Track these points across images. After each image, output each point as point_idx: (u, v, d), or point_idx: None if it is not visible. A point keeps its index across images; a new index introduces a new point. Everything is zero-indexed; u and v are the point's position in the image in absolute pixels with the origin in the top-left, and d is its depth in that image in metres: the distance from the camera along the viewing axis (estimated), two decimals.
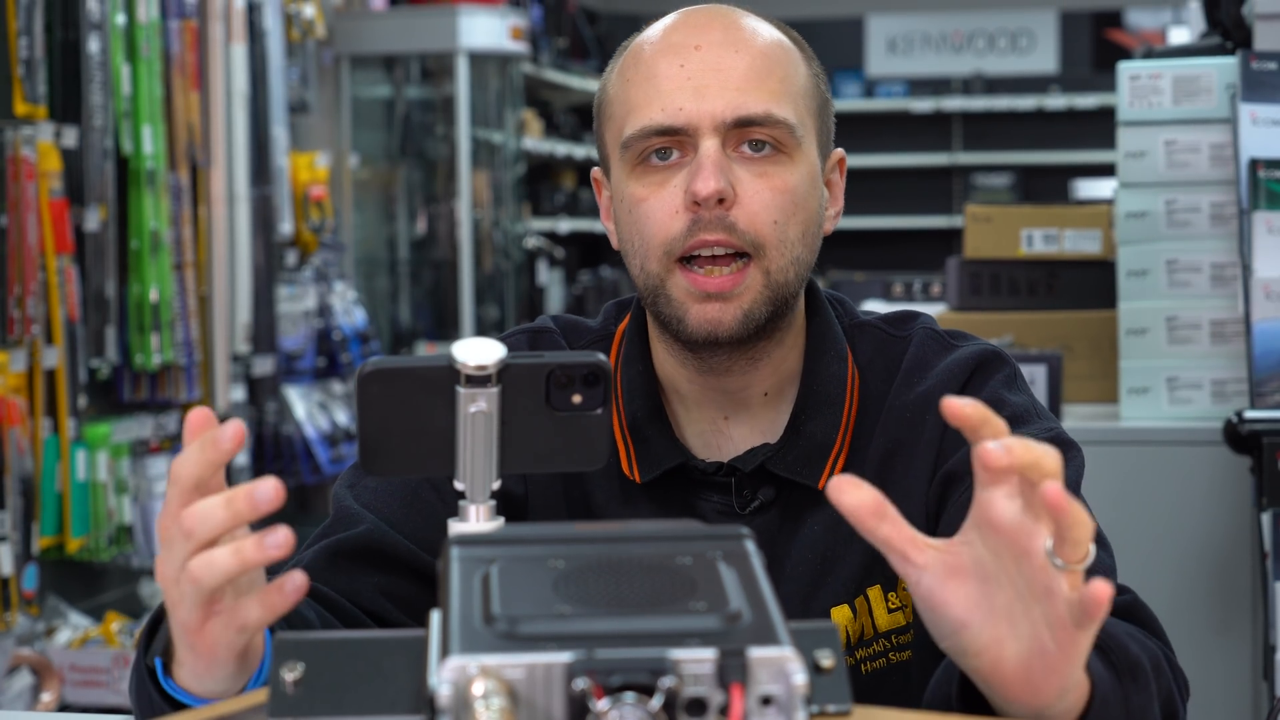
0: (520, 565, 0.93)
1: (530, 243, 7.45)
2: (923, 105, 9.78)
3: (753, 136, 1.42)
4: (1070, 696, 1.09)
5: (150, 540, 4.49)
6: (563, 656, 0.85)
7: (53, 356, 4.10)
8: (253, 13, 5.25)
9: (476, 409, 1.05)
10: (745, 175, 1.42)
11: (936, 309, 3.89)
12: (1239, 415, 2.74)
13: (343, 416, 5.68)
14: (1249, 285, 2.84)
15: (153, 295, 4.49)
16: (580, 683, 0.84)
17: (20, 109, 3.99)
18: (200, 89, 4.81)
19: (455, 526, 1.06)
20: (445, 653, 0.86)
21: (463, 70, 6.47)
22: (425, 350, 6.50)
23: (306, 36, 5.67)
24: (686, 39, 1.45)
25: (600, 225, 1.57)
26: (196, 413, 1.09)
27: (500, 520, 1.07)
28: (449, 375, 1.05)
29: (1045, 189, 9.36)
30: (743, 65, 1.43)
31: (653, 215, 1.43)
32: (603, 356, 1.08)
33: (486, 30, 6.50)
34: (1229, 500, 3.02)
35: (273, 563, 1.06)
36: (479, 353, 1.05)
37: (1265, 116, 2.96)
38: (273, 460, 5.45)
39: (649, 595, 0.90)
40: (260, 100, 5.28)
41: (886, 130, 9.85)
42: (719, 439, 1.50)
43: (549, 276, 7.82)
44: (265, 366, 5.30)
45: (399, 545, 1.43)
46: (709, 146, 1.41)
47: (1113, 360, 3.28)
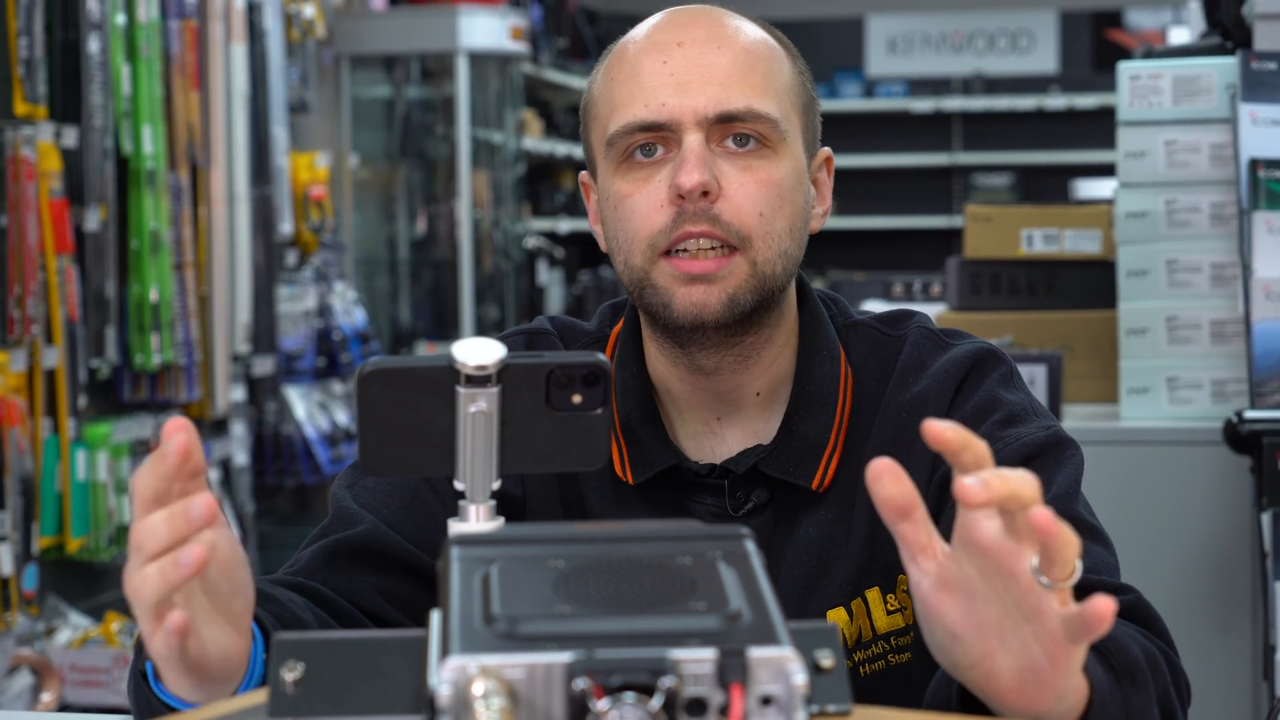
0: (520, 565, 0.93)
1: (530, 243, 7.45)
2: (923, 105, 9.78)
3: (736, 131, 1.42)
4: (1068, 701, 1.09)
5: None
6: (563, 656, 0.85)
7: (53, 356, 4.10)
8: (253, 13, 5.25)
9: (476, 409, 1.05)
10: (730, 169, 1.42)
11: (936, 309, 3.88)
12: (1239, 415, 2.74)
13: (343, 416, 5.68)
14: (1249, 285, 2.84)
15: (153, 295, 4.49)
16: (580, 683, 0.84)
17: (20, 109, 3.99)
18: (200, 89, 4.81)
19: (455, 526, 1.06)
20: (445, 653, 0.86)
21: (463, 70, 6.47)
22: (425, 350, 6.49)
23: (306, 36, 5.67)
24: (670, 36, 1.45)
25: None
26: (172, 422, 1.09)
27: (500, 520, 1.07)
28: (449, 375, 1.05)
29: (1045, 189, 9.36)
30: (725, 61, 1.43)
31: (638, 210, 1.43)
32: (603, 356, 1.08)
33: (486, 30, 6.50)
34: (1229, 500, 3.02)
35: (188, 579, 1.06)
36: (479, 353, 1.05)
37: (1265, 116, 2.96)
38: (273, 460, 5.45)
39: (649, 595, 0.90)
40: (260, 100, 5.28)
41: (886, 130, 9.85)
42: (712, 441, 1.50)
43: (549, 276, 7.82)
44: (265, 366, 5.30)
45: (398, 545, 1.43)
46: (692, 141, 1.41)
47: (1113, 360, 3.28)
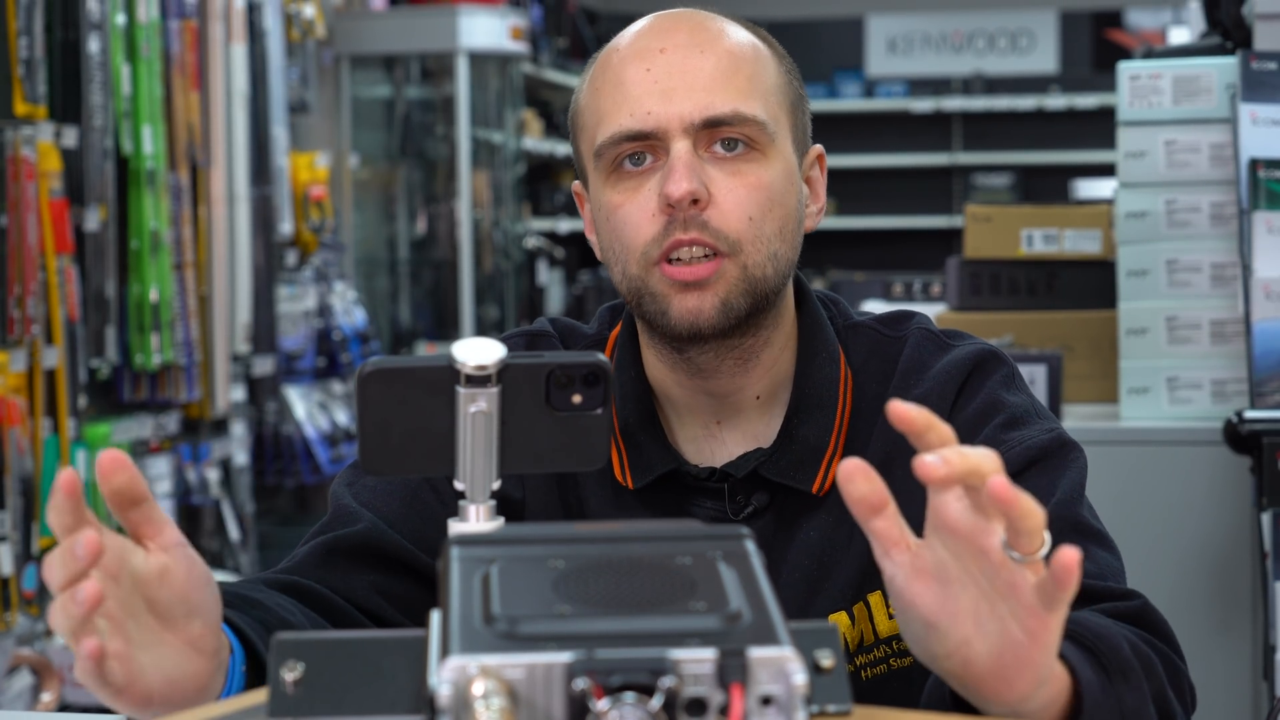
0: (520, 565, 0.93)
1: (530, 243, 7.45)
2: (923, 105, 9.78)
3: (724, 136, 1.42)
4: (1048, 688, 1.09)
5: None
6: (563, 656, 0.85)
7: (53, 356, 4.10)
8: (253, 13, 5.25)
9: (476, 409, 1.05)
10: (719, 175, 1.42)
11: (936, 309, 3.88)
12: (1239, 415, 2.74)
13: (343, 416, 5.68)
14: (1249, 285, 2.84)
15: (153, 295, 4.49)
16: (580, 683, 0.84)
17: (20, 109, 3.99)
18: (200, 89, 4.81)
19: (455, 526, 1.06)
20: (445, 653, 0.86)
21: (463, 70, 6.47)
22: (425, 350, 6.49)
23: (306, 36, 5.67)
24: (652, 43, 1.45)
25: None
26: (105, 456, 1.08)
27: (500, 520, 1.07)
28: (449, 375, 1.05)
29: (1045, 189, 9.36)
30: (709, 66, 1.43)
31: (629, 220, 1.43)
32: (603, 356, 1.08)
33: (486, 30, 6.50)
34: (1229, 500, 3.02)
35: (87, 615, 1.04)
36: (479, 353, 1.05)
37: (1265, 116, 2.96)
38: (273, 460, 5.45)
39: (649, 595, 0.90)
40: (260, 100, 5.28)
41: (886, 130, 9.85)
42: (712, 444, 1.50)
43: (549, 276, 7.82)
44: (265, 366, 5.30)
45: (397, 544, 1.43)
46: (680, 149, 1.41)
47: (1113, 360, 3.28)
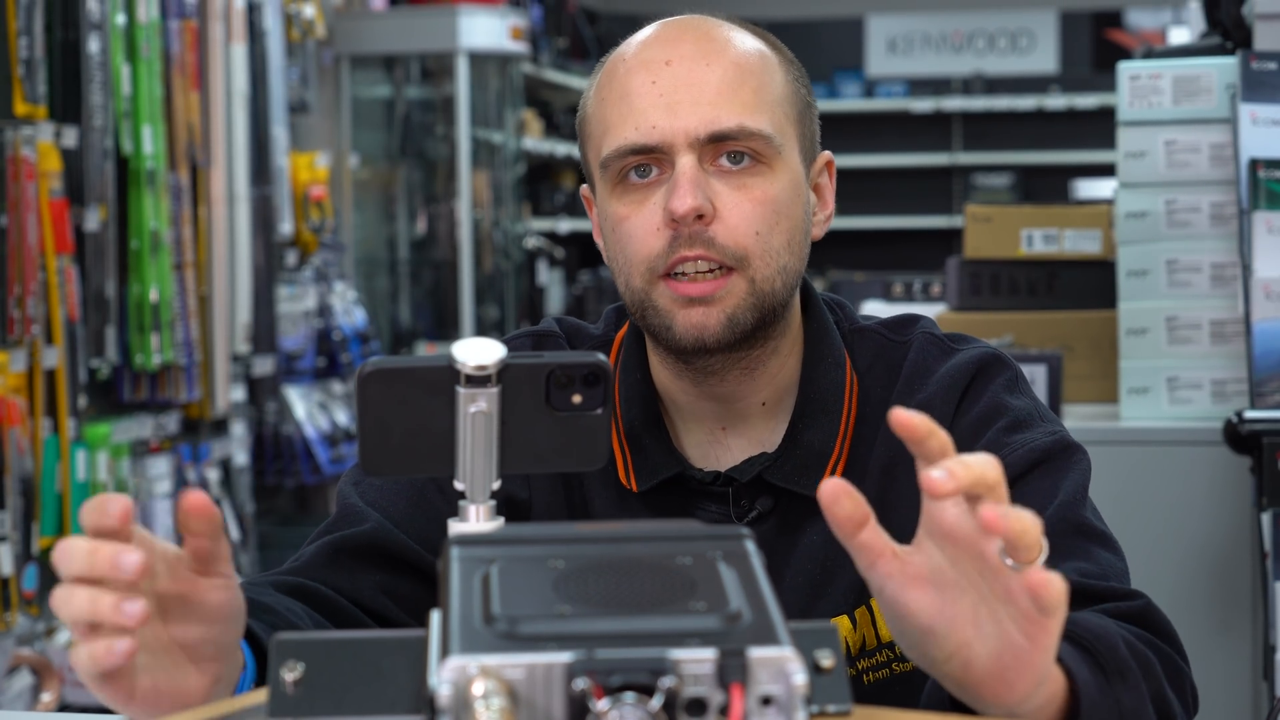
0: (520, 565, 0.93)
1: (530, 243, 7.45)
2: (923, 105, 9.78)
3: (729, 149, 1.41)
4: (1045, 689, 1.09)
5: None
6: (563, 656, 0.85)
7: (53, 356, 4.10)
8: (253, 13, 5.25)
9: (476, 409, 1.05)
10: (724, 189, 1.41)
11: (936, 309, 3.88)
12: (1239, 415, 2.74)
13: (343, 416, 5.68)
14: (1249, 285, 2.84)
15: (153, 295, 4.49)
16: (580, 683, 0.84)
17: (20, 109, 3.99)
18: (200, 89, 4.81)
19: (455, 526, 1.06)
20: (445, 653, 0.86)
21: (463, 70, 6.47)
22: (425, 350, 6.49)
23: (306, 36, 5.67)
24: (658, 54, 1.44)
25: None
26: (194, 501, 1.07)
27: (500, 520, 1.07)
28: (449, 375, 1.05)
29: (1045, 189, 9.36)
30: (715, 78, 1.42)
31: (634, 233, 1.42)
32: (603, 356, 1.08)
33: (486, 30, 6.50)
34: (1229, 500, 3.02)
35: (122, 626, 1.03)
36: (479, 353, 1.05)
37: (1265, 116, 2.96)
38: (273, 460, 5.45)
39: (649, 595, 0.90)
40: (260, 100, 5.28)
41: (886, 130, 9.85)
42: (717, 449, 1.50)
43: (549, 276, 7.82)
44: (265, 366, 5.30)
45: (403, 544, 1.43)
46: (685, 163, 1.40)
47: (1113, 360, 3.28)
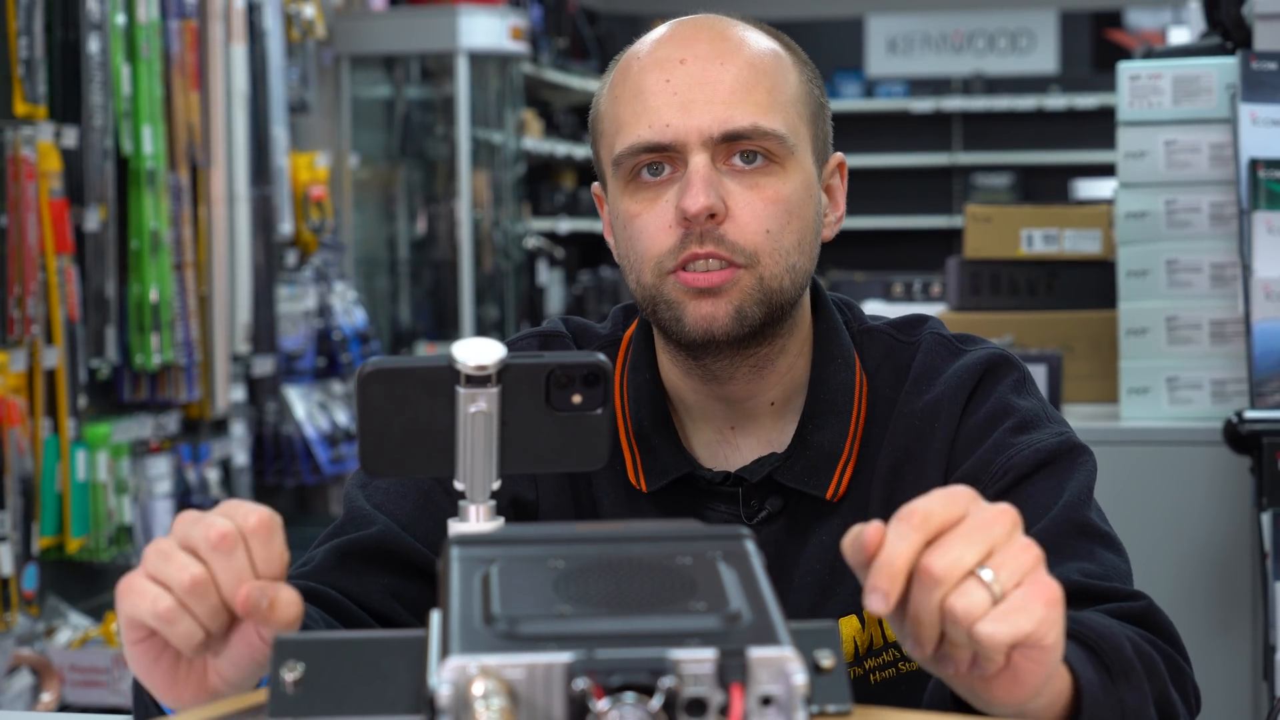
0: (520, 565, 0.93)
1: (530, 243, 7.44)
2: (923, 105, 9.78)
3: (742, 149, 1.41)
4: (1051, 686, 1.09)
5: (150, 540, 4.48)
6: (563, 656, 0.85)
7: (53, 356, 4.10)
8: (253, 13, 5.25)
9: (476, 409, 1.05)
10: (736, 188, 1.41)
11: (936, 309, 3.88)
12: (1239, 415, 2.74)
13: (343, 416, 5.68)
14: (1249, 285, 2.84)
15: (153, 295, 4.49)
16: (580, 683, 0.84)
17: (20, 109, 3.99)
18: (200, 89, 4.81)
19: (455, 526, 1.06)
20: (445, 653, 0.86)
21: (463, 70, 6.47)
22: (425, 350, 6.49)
23: (306, 36, 5.67)
24: (673, 53, 1.44)
25: (600, 225, 1.57)
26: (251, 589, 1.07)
27: (500, 520, 1.07)
28: (449, 375, 1.05)
29: (1045, 189, 9.36)
30: (729, 78, 1.42)
31: (646, 231, 1.43)
32: (603, 356, 1.08)
33: (486, 30, 6.50)
34: (1229, 500, 3.02)
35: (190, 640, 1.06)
36: (479, 353, 1.05)
37: (1265, 116, 2.96)
38: (273, 460, 5.45)
39: (649, 595, 0.90)
40: (260, 100, 5.28)
41: (886, 130, 9.85)
42: (726, 449, 1.50)
43: (549, 276, 7.82)
44: (265, 366, 5.30)
45: (410, 547, 1.43)
46: (698, 162, 1.40)
47: (1113, 360, 3.28)
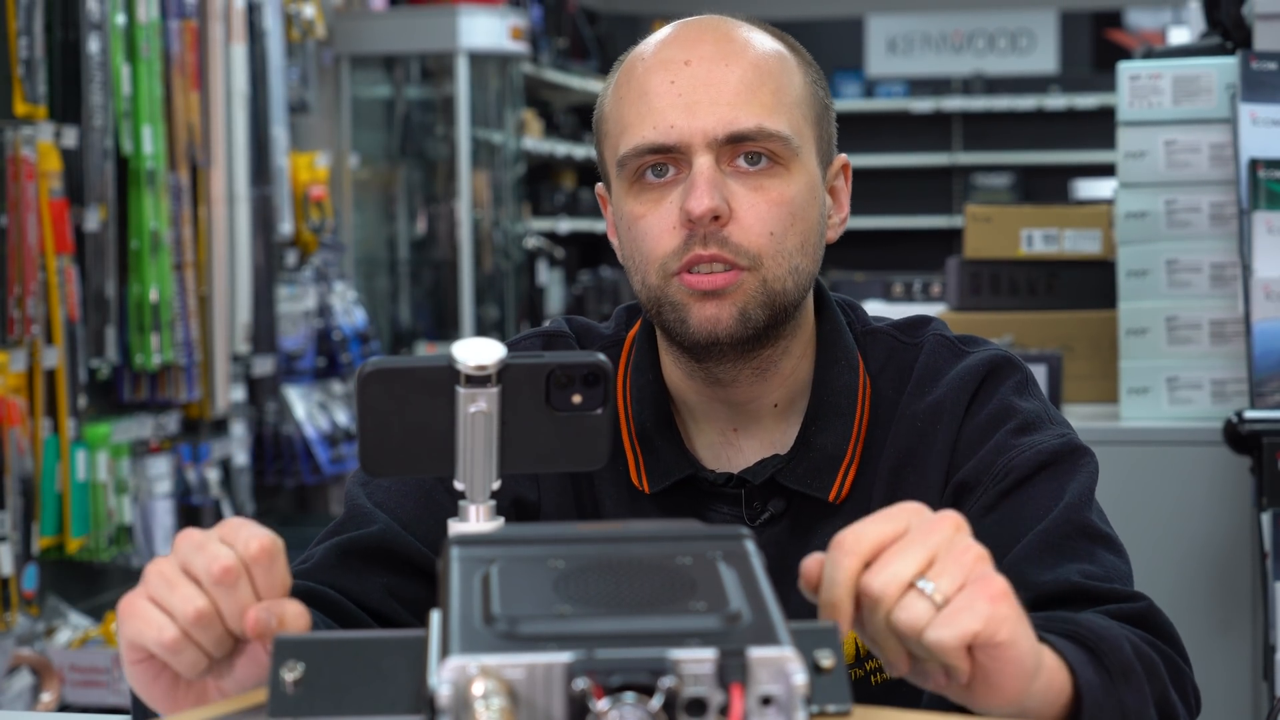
0: (520, 565, 0.93)
1: (530, 243, 7.44)
2: (923, 105, 9.78)
3: (747, 150, 1.41)
4: (1044, 685, 1.09)
5: (150, 540, 4.49)
6: (563, 656, 0.85)
7: (53, 356, 4.10)
8: (253, 13, 5.25)
9: (476, 409, 1.05)
10: (741, 190, 1.41)
11: (936, 309, 3.88)
12: (1239, 415, 2.74)
13: (343, 416, 5.67)
14: (1249, 285, 2.84)
15: (153, 295, 4.49)
16: (580, 683, 0.84)
17: (20, 109, 3.99)
18: (200, 89, 4.81)
19: (455, 526, 1.06)
20: (445, 653, 0.86)
21: (463, 70, 6.47)
22: (425, 350, 6.49)
23: (306, 36, 5.67)
24: (677, 54, 1.44)
25: (601, 225, 1.57)
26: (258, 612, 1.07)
27: (500, 520, 1.07)
28: (449, 375, 1.05)
29: (1045, 189, 9.36)
30: (734, 79, 1.42)
31: (650, 232, 1.43)
32: (603, 356, 1.08)
33: (486, 30, 6.50)
34: (1229, 500, 3.02)
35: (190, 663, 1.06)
36: (479, 353, 1.05)
37: (1265, 116, 2.96)
38: (273, 460, 5.45)
39: (649, 595, 0.90)
40: (260, 100, 5.27)
41: (886, 130, 9.85)
42: (729, 450, 1.50)
43: (549, 276, 7.82)
44: (265, 366, 5.30)
45: (411, 547, 1.43)
46: (702, 164, 1.40)
47: (1113, 360, 3.28)
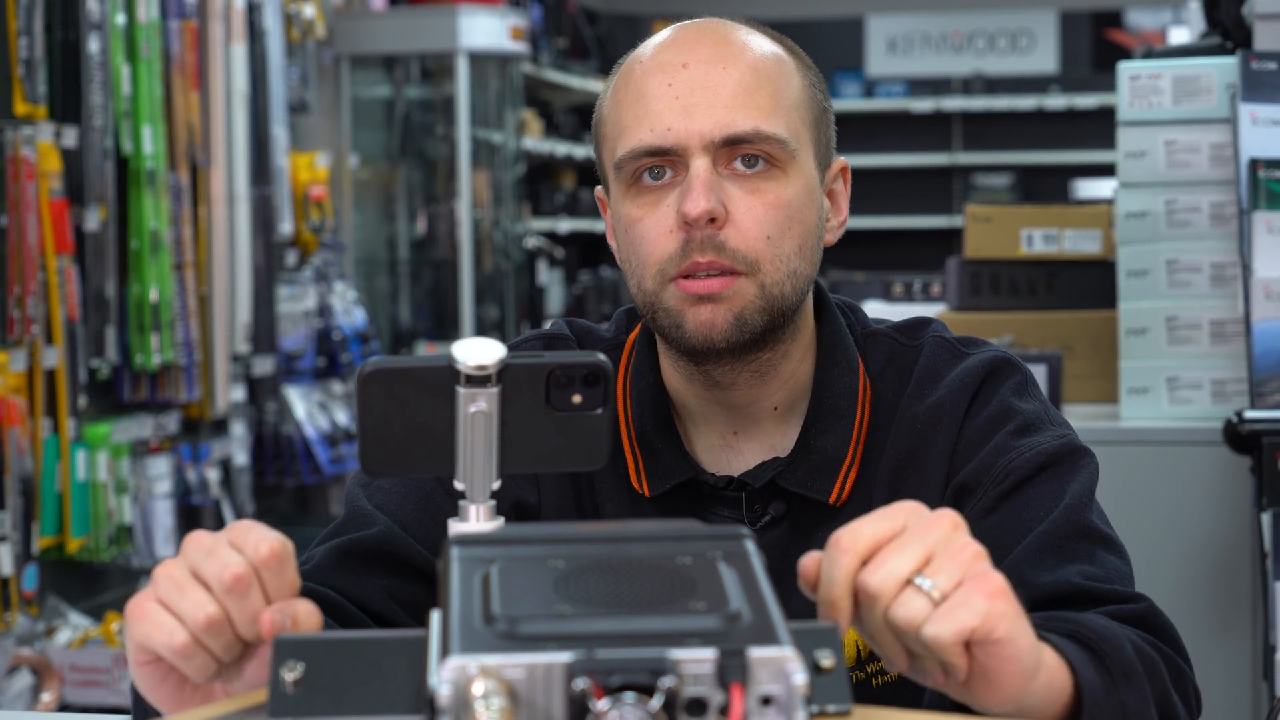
0: (520, 565, 0.93)
1: (530, 243, 7.44)
2: (923, 105, 9.78)
3: (744, 153, 1.41)
4: (1044, 683, 1.09)
5: (150, 540, 4.49)
6: (563, 656, 0.85)
7: (53, 356, 4.10)
8: (253, 13, 5.25)
9: (476, 409, 1.05)
10: (738, 193, 1.41)
11: (936, 309, 3.88)
12: (1239, 415, 2.74)
13: (343, 416, 5.67)
14: (1249, 285, 2.84)
15: (153, 295, 4.49)
16: (580, 683, 0.84)
17: (20, 109, 3.99)
18: (200, 89, 4.81)
19: (455, 526, 1.06)
20: (445, 653, 0.86)
21: (463, 70, 6.47)
22: (425, 350, 6.49)
23: (306, 36, 5.67)
24: (675, 57, 1.44)
25: (600, 225, 1.57)
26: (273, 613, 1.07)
27: (500, 520, 1.07)
28: (449, 375, 1.05)
29: (1045, 189, 9.36)
30: (731, 82, 1.42)
31: (647, 235, 1.42)
32: (603, 356, 1.08)
33: (486, 30, 6.50)
34: (1229, 500, 3.02)
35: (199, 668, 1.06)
36: (479, 353, 1.05)
37: (1265, 116, 2.96)
38: (273, 460, 5.45)
39: (649, 595, 0.90)
40: (260, 100, 5.27)
41: (886, 130, 9.85)
42: (729, 453, 1.50)
43: (549, 276, 7.82)
44: (265, 366, 5.30)
45: (411, 549, 1.43)
46: (699, 166, 1.40)
47: (1113, 360, 3.28)
